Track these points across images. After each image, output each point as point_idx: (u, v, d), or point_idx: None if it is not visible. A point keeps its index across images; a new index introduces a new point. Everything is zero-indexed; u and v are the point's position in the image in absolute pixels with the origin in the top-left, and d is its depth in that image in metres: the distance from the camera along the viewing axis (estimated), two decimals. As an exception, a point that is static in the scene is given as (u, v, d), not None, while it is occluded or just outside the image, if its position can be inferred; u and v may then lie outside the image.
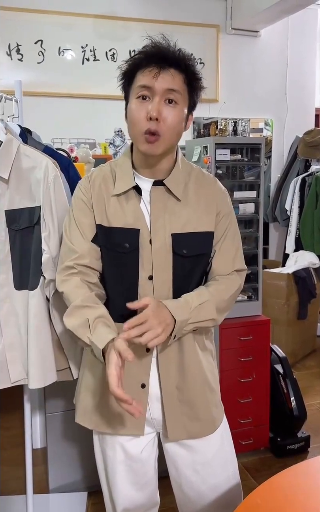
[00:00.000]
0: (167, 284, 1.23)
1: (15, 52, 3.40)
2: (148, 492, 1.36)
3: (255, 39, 4.06)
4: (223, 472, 1.33)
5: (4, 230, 1.53)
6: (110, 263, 1.25)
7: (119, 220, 1.22)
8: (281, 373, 2.49)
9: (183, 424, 1.27)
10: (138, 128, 1.15)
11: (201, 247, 1.27)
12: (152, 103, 1.12)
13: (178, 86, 1.14)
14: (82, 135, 3.41)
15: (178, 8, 3.74)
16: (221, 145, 2.35)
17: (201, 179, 1.29)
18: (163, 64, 1.12)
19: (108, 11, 3.57)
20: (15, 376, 1.56)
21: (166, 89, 1.12)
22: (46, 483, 2.10)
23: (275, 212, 4.30)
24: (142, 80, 1.13)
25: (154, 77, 1.11)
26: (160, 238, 1.22)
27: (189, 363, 1.27)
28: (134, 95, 1.15)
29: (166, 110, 1.14)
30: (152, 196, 1.23)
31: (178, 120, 1.16)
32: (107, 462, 1.32)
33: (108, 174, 1.27)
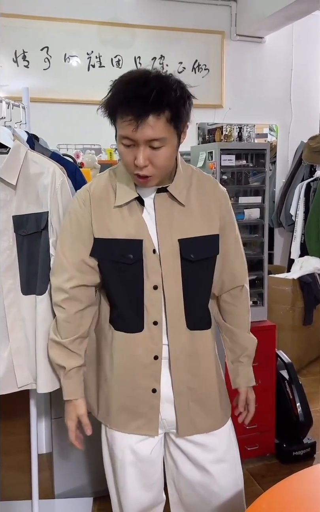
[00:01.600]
0: (177, 291, 1.24)
1: (22, 59, 3.43)
2: (155, 491, 1.38)
3: (260, 45, 4.08)
4: (233, 471, 1.35)
5: (11, 236, 1.54)
6: (113, 275, 1.26)
7: (121, 232, 1.22)
8: (287, 379, 2.48)
9: (194, 421, 1.30)
10: (129, 170, 1.16)
11: (208, 250, 1.28)
12: (138, 151, 1.10)
13: (160, 133, 1.08)
14: (88, 141, 3.43)
15: (183, 14, 3.77)
16: (226, 151, 2.36)
17: (203, 182, 1.30)
18: (140, 114, 1.05)
19: (113, 18, 3.60)
20: (22, 381, 1.56)
21: (147, 140, 1.08)
22: (51, 489, 2.10)
23: (280, 218, 4.30)
24: (122, 130, 1.10)
25: (133, 131, 1.07)
26: (167, 244, 1.22)
27: (200, 363, 1.30)
28: (119, 140, 1.13)
29: (153, 155, 1.11)
30: (157, 204, 1.24)
31: (167, 158, 1.14)
32: (116, 464, 1.33)
33: (108, 184, 1.26)
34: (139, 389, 1.27)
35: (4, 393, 1.56)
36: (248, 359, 1.43)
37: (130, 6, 3.67)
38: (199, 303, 1.30)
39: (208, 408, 1.32)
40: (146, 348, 1.25)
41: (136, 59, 3.65)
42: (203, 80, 3.85)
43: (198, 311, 1.29)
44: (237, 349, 1.43)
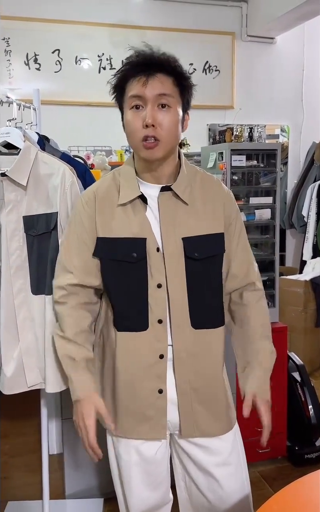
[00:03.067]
0: (181, 289, 1.24)
1: (33, 61, 3.45)
2: (162, 491, 1.37)
3: (271, 46, 4.06)
4: (239, 474, 1.33)
5: (22, 236, 1.55)
6: (116, 275, 1.26)
7: (125, 231, 1.23)
8: (299, 381, 2.46)
9: (198, 423, 1.28)
10: (136, 136, 1.17)
11: (212, 249, 1.28)
12: (146, 111, 1.15)
13: (168, 90, 1.16)
14: (99, 143, 3.44)
15: (193, 16, 3.77)
16: (237, 151, 2.35)
17: (206, 182, 1.31)
18: (149, 71, 1.14)
19: (123, 20, 3.61)
20: (31, 381, 1.57)
21: (157, 94, 1.14)
22: (62, 489, 2.10)
23: (292, 219, 4.27)
24: (132, 90, 1.15)
25: (143, 85, 1.13)
26: (171, 243, 1.23)
27: (205, 363, 1.28)
28: (128, 106, 1.18)
29: (161, 115, 1.16)
30: (160, 203, 1.24)
31: (174, 123, 1.18)
32: (121, 465, 1.33)
33: (112, 184, 1.28)
34: (145, 390, 1.26)
35: (14, 392, 1.57)
36: (260, 366, 1.33)
37: (140, 8, 3.68)
38: (205, 301, 1.28)
39: (213, 410, 1.30)
40: (151, 347, 1.24)
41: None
42: (214, 81, 3.85)
43: (204, 310, 1.28)
44: (247, 356, 1.36)
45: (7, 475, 2.29)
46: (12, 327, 1.56)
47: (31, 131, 1.74)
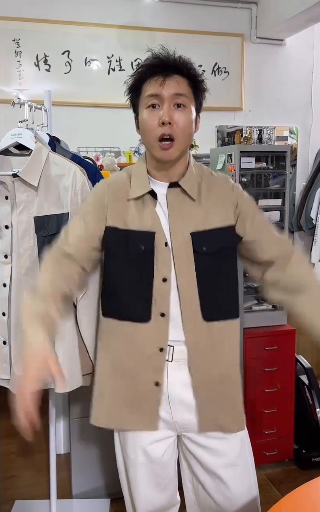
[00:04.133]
0: (191, 284, 1.25)
1: (43, 62, 3.47)
2: (169, 493, 1.37)
3: (280, 48, 4.05)
4: (246, 476, 1.33)
5: (33, 237, 1.56)
6: (122, 266, 1.28)
7: (135, 223, 1.26)
8: (307, 384, 2.45)
9: (216, 418, 1.29)
10: (153, 135, 1.20)
11: (221, 242, 1.29)
12: (163, 110, 1.19)
13: (184, 90, 1.21)
14: (108, 144, 3.45)
15: (202, 17, 3.77)
16: (246, 153, 2.35)
17: (213, 178, 1.34)
18: (167, 71, 1.20)
19: (133, 21, 3.62)
20: (41, 381, 1.57)
21: (173, 94, 1.19)
22: (69, 489, 2.11)
23: (300, 221, 4.25)
24: (150, 89, 1.20)
25: (161, 85, 1.19)
26: (179, 238, 1.25)
27: (218, 356, 1.29)
28: (144, 105, 1.22)
29: (177, 114, 1.20)
30: (169, 198, 1.27)
31: (189, 122, 1.22)
32: (128, 466, 1.33)
33: (125, 179, 1.31)
34: (141, 382, 1.27)
35: (24, 392, 1.57)
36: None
37: (150, 10, 3.69)
38: (217, 295, 1.29)
39: (229, 405, 1.31)
40: (151, 339, 1.26)
41: (156, 62, 3.66)
42: (223, 83, 3.84)
43: (215, 303, 1.28)
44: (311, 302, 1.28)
45: (15, 474, 2.30)
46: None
47: (42, 132, 1.75)
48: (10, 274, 1.56)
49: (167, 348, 1.27)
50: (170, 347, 1.27)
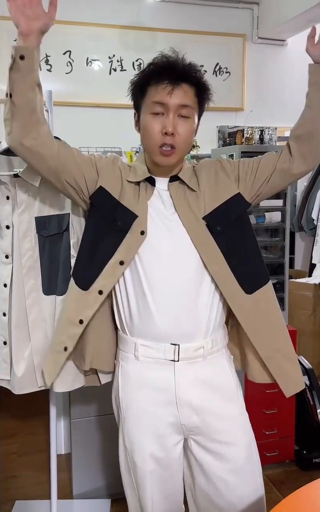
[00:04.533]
0: (222, 266, 1.27)
1: (44, 62, 3.47)
2: (175, 501, 1.35)
3: (282, 48, 4.06)
4: (252, 482, 1.31)
5: (34, 237, 1.56)
6: (96, 232, 1.31)
7: (126, 200, 1.28)
8: (307, 385, 2.45)
9: (287, 373, 1.35)
10: (154, 141, 1.22)
11: (233, 213, 1.31)
12: (167, 119, 1.19)
13: (190, 101, 1.21)
14: (109, 144, 3.45)
15: (204, 17, 3.77)
16: (247, 154, 2.35)
17: (199, 166, 1.37)
18: (175, 80, 1.19)
19: (134, 21, 3.62)
20: (41, 381, 1.57)
21: (180, 105, 1.19)
22: (70, 489, 2.11)
23: (302, 222, 4.25)
24: (156, 96, 1.20)
25: (168, 94, 1.18)
26: (195, 226, 1.26)
27: (271, 322, 1.34)
28: (148, 110, 1.22)
29: (180, 124, 1.21)
30: (172, 192, 1.30)
31: (191, 132, 1.25)
32: (137, 474, 1.30)
33: (127, 166, 1.34)
34: (55, 342, 1.41)
35: (25, 392, 1.58)
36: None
37: (152, 10, 3.69)
38: (248, 265, 1.32)
39: (292, 360, 1.37)
40: (79, 309, 1.31)
41: (157, 62, 3.66)
42: (224, 83, 3.85)
43: (249, 274, 1.31)
44: None
45: (16, 474, 2.30)
46: (23, 327, 1.57)
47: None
48: (11, 274, 1.56)
49: (172, 348, 1.26)
50: (175, 345, 1.26)
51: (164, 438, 1.28)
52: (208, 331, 1.29)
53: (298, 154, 1.32)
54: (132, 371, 1.31)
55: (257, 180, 1.34)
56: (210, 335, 1.30)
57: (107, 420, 2.00)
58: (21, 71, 1.17)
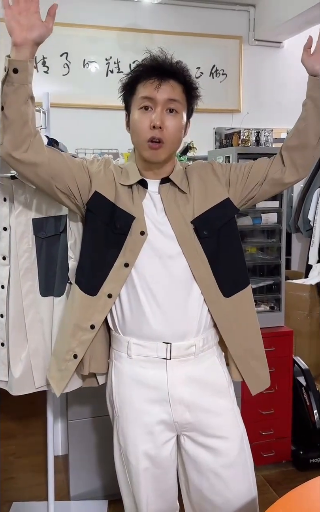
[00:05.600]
0: (205, 269, 1.29)
1: (41, 64, 3.47)
2: (170, 498, 1.37)
3: (278, 50, 4.07)
4: (245, 476, 1.33)
5: (31, 238, 1.56)
6: (97, 236, 1.31)
7: (121, 203, 1.29)
8: (304, 385, 2.46)
9: (259, 376, 1.41)
10: (142, 136, 1.24)
11: (221, 218, 1.33)
12: (155, 113, 1.22)
13: (178, 96, 1.24)
14: (106, 145, 3.45)
15: (200, 20, 3.78)
16: (244, 155, 2.35)
17: (191, 168, 1.38)
18: (163, 76, 1.22)
19: (131, 23, 3.63)
20: (39, 382, 1.58)
21: (167, 99, 1.22)
22: (67, 490, 2.11)
23: (298, 223, 4.26)
24: (144, 91, 1.22)
25: (156, 88, 1.21)
26: (184, 229, 1.28)
27: (246, 326, 1.38)
28: (137, 106, 1.24)
29: (168, 119, 1.24)
30: (162, 194, 1.31)
31: (179, 128, 1.27)
32: (130, 471, 1.32)
33: (119, 168, 1.35)
34: (64, 348, 1.38)
35: (22, 393, 1.58)
36: None
37: (149, 12, 3.70)
38: (230, 270, 1.34)
39: (262, 361, 1.42)
40: (88, 313, 1.31)
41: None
42: (221, 85, 3.85)
43: (230, 278, 1.34)
44: None
45: (13, 476, 2.30)
46: (20, 328, 1.57)
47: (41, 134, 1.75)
48: (8, 276, 1.56)
49: (164, 346, 1.28)
50: (167, 344, 1.28)
51: (157, 436, 1.30)
52: (199, 330, 1.32)
53: (291, 164, 1.35)
54: (125, 370, 1.33)
55: (247, 186, 1.36)
56: (201, 334, 1.32)
57: (104, 421, 2.00)
58: (14, 84, 1.15)
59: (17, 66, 1.13)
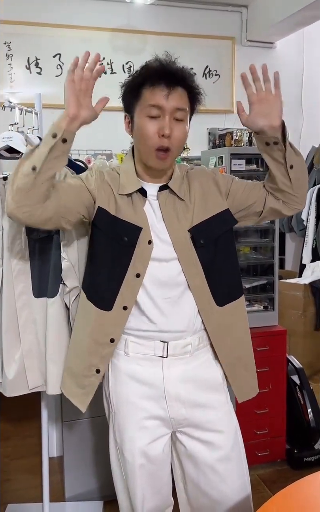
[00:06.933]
0: (200, 277, 1.30)
1: (34, 65, 3.47)
2: (165, 493, 1.39)
3: (271, 51, 4.08)
4: (239, 470, 1.36)
5: (23, 239, 1.56)
6: (105, 251, 1.31)
7: (124, 214, 1.28)
8: (298, 384, 2.47)
9: (245, 386, 1.42)
10: (150, 144, 1.23)
11: (219, 229, 1.34)
12: (164, 121, 1.21)
13: (185, 104, 1.24)
14: (99, 146, 3.45)
15: (193, 20, 3.79)
16: (237, 156, 2.36)
17: (192, 173, 1.37)
18: (172, 83, 1.21)
19: (124, 24, 3.63)
20: (32, 383, 1.58)
21: (176, 108, 1.21)
22: (62, 492, 2.11)
23: (291, 222, 4.28)
24: (152, 99, 1.21)
25: (165, 97, 1.20)
26: (180, 237, 1.28)
27: (237, 334, 1.40)
28: (144, 113, 1.23)
29: (175, 127, 1.23)
30: (161, 201, 1.31)
31: (185, 135, 1.27)
32: (126, 468, 1.34)
33: (115, 175, 1.33)
34: (85, 364, 1.36)
35: (16, 395, 1.58)
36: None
37: (142, 13, 3.70)
38: (224, 280, 1.35)
39: (251, 370, 1.43)
40: (106, 328, 1.31)
41: (147, 65, 3.68)
42: (214, 86, 3.86)
43: (224, 288, 1.35)
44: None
45: (9, 478, 2.29)
46: (14, 329, 1.57)
47: (33, 136, 1.75)
48: (1, 277, 1.56)
49: (162, 345, 1.30)
50: (164, 343, 1.30)
51: (153, 431, 1.32)
52: (195, 330, 1.34)
53: (286, 199, 1.37)
54: (122, 367, 1.35)
55: (243, 203, 1.37)
56: (197, 333, 1.34)
57: (98, 422, 2.00)
58: (59, 152, 1.18)
59: (66, 137, 1.18)
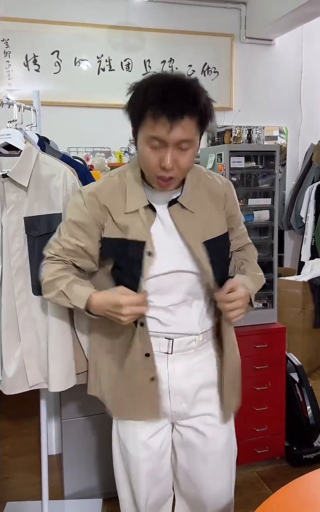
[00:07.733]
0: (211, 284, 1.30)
1: (32, 63, 3.46)
2: (165, 484, 1.40)
3: (269, 48, 4.07)
4: (226, 474, 1.39)
5: (23, 237, 1.56)
6: (119, 267, 1.29)
7: (129, 232, 1.24)
8: (297, 381, 2.47)
9: (235, 395, 1.43)
10: (152, 173, 1.17)
11: (223, 247, 1.35)
12: (167, 154, 1.12)
13: (190, 135, 1.12)
14: (98, 144, 3.45)
15: (192, 17, 3.78)
16: (236, 153, 2.36)
17: (207, 184, 1.33)
18: (174, 116, 1.07)
19: (123, 21, 3.62)
20: (32, 380, 1.58)
21: (180, 140, 1.11)
22: (61, 489, 2.11)
23: (290, 220, 4.28)
24: (152, 131, 1.10)
25: (167, 131, 1.09)
26: (199, 248, 1.26)
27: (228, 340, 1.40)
28: (145, 141, 1.13)
29: (180, 156, 1.14)
30: (173, 215, 1.27)
31: (191, 161, 1.17)
32: (129, 462, 1.35)
33: (117, 186, 1.27)
34: (136, 377, 1.31)
35: (16, 392, 1.58)
36: (252, 277, 1.37)
37: (140, 10, 3.69)
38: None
39: (237, 390, 1.46)
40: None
41: (145, 62, 3.66)
42: (212, 83, 3.86)
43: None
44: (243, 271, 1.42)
45: (7, 476, 2.29)
46: (13, 327, 1.56)
47: (31, 133, 1.75)
48: (0, 275, 1.56)
49: (167, 342, 1.30)
50: (169, 340, 1.31)
51: (155, 425, 1.34)
52: (200, 327, 1.35)
53: None
54: None
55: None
56: (201, 330, 1.35)
57: (97, 420, 2.01)
58: (76, 310, 1.28)
59: (93, 317, 1.26)
